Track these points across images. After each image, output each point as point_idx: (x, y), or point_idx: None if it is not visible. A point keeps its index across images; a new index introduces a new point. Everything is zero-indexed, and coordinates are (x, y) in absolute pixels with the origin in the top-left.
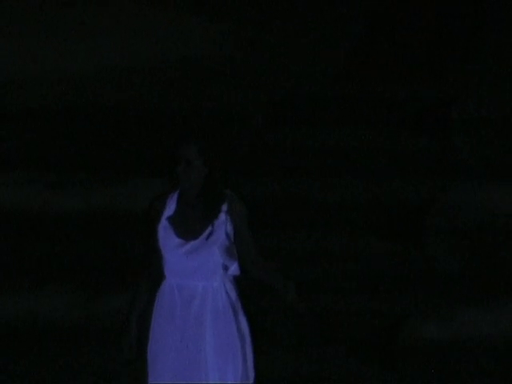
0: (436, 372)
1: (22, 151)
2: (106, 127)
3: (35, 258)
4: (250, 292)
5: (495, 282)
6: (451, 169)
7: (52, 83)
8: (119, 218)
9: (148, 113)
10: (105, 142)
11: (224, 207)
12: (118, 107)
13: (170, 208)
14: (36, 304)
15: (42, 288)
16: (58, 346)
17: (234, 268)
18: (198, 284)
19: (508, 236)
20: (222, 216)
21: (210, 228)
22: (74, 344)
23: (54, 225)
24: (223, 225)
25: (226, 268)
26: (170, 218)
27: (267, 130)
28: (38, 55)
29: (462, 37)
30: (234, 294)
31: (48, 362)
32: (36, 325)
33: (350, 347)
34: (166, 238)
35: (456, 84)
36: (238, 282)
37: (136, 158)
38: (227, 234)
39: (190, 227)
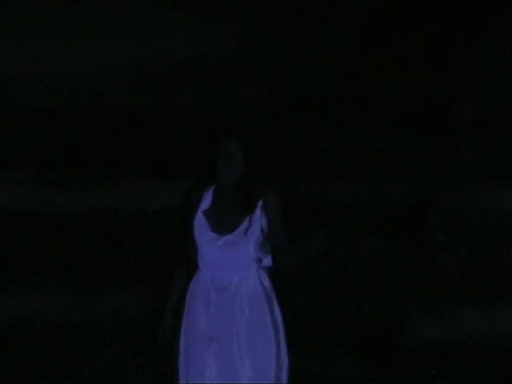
0: (436, 372)
1: (21, 151)
2: (105, 127)
3: (35, 258)
4: None
5: (495, 282)
6: (451, 169)
7: (52, 83)
8: (119, 218)
9: (148, 113)
10: (105, 142)
11: (259, 202)
12: (118, 107)
13: (206, 202)
14: (36, 304)
15: (42, 288)
16: (58, 346)
17: (268, 260)
18: (232, 275)
19: (508, 236)
20: (258, 211)
21: (246, 223)
22: (74, 344)
23: (53, 225)
24: (258, 220)
25: (259, 260)
26: (205, 212)
27: (267, 130)
28: (37, 55)
29: (462, 37)
30: (267, 284)
31: (48, 361)
32: (36, 325)
33: (350, 347)
34: (201, 231)
35: (456, 84)
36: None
37: (136, 157)
38: (262, 229)
39: (224, 221)
